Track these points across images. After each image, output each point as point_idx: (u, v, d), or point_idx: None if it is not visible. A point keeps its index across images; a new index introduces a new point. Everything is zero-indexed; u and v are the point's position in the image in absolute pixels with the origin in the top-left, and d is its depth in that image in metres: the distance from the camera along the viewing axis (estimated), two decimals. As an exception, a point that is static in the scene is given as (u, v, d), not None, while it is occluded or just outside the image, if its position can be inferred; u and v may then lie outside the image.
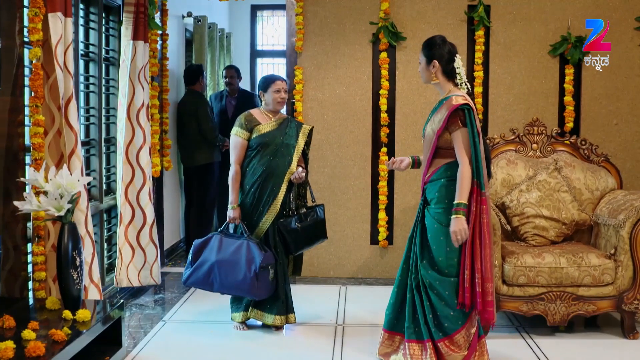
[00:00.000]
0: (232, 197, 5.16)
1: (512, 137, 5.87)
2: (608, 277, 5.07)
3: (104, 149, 5.95)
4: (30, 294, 4.45)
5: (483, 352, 4.44)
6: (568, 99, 6.54)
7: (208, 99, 8.46)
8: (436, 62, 4.31)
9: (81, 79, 5.57)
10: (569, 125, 6.54)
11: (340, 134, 6.77)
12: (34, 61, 4.23)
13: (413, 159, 4.64)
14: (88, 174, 5.70)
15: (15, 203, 3.89)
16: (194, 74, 7.71)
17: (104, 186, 5.99)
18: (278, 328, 5.28)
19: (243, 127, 5.15)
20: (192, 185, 7.77)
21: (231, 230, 5.23)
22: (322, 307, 5.89)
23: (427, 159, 4.35)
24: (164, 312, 5.77)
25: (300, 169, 5.18)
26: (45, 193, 3.97)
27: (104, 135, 5.93)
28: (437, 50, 4.31)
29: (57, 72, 4.33)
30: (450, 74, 4.33)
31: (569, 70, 6.53)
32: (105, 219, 6.05)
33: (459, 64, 4.30)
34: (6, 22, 4.23)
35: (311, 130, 5.34)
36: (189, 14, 7.99)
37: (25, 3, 4.38)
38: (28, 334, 3.54)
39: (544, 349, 4.92)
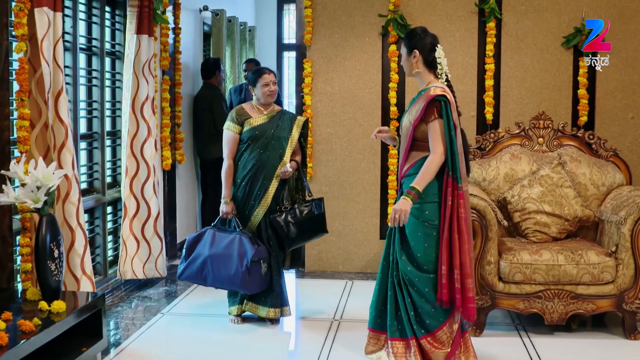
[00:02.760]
0: (225, 191, 5.17)
1: (518, 131, 5.74)
2: (608, 276, 4.93)
3: (108, 142, 6.00)
4: (20, 285, 4.50)
5: (468, 348, 4.36)
6: (582, 92, 6.37)
7: (227, 92, 8.48)
8: (417, 52, 4.25)
9: (83, 72, 5.61)
10: (583, 119, 6.37)
11: (349, 127, 6.72)
12: (19, 55, 4.27)
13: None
14: (90, 167, 5.77)
15: (-7, 195, 3.94)
16: (210, 67, 7.74)
17: (108, 179, 6.03)
18: (273, 321, 5.27)
19: (234, 121, 5.16)
20: (208, 179, 7.80)
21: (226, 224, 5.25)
22: (324, 302, 5.86)
23: (404, 151, 4.28)
24: (164, 304, 5.80)
25: (288, 164, 5.14)
26: (24, 186, 4.00)
27: (107, 129, 5.96)
28: (418, 41, 4.26)
29: (42, 66, 4.36)
30: (431, 64, 4.26)
31: (583, 63, 6.35)
32: (110, 211, 6.10)
33: (441, 54, 4.23)
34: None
35: (306, 122, 5.31)
36: (205, 8, 8.01)
37: (13, -2, 4.42)
38: (-2, 324, 3.58)
39: (538, 349, 4.81)
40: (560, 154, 5.52)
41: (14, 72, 4.30)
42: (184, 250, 5.21)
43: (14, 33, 4.28)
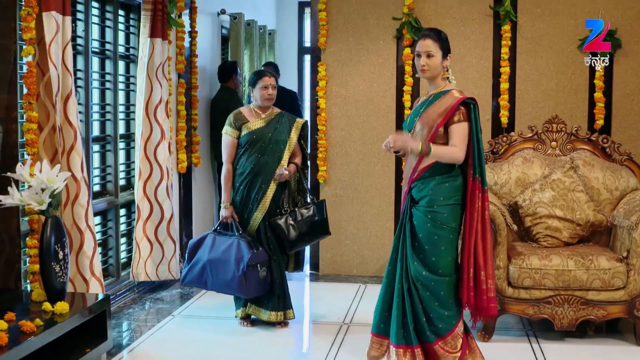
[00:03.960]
0: (224, 196, 5.21)
1: (530, 135, 5.68)
2: (619, 281, 4.86)
3: (122, 144, 6.05)
4: (29, 286, 4.55)
5: (473, 348, 4.32)
6: (598, 95, 6.30)
7: (245, 95, 8.50)
8: (450, 56, 4.21)
9: (96, 76, 5.67)
10: (599, 122, 6.30)
11: (363, 130, 6.71)
12: (27, 59, 4.32)
13: None
14: (104, 169, 5.82)
15: (-1, 197, 3.99)
16: (227, 70, 7.76)
17: (122, 182, 6.08)
18: (281, 324, 5.27)
19: (232, 126, 5.18)
20: (224, 182, 7.81)
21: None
22: (335, 305, 5.85)
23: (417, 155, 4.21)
24: (176, 307, 5.83)
25: (284, 167, 5.14)
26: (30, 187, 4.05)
27: (121, 131, 6.01)
28: (449, 44, 4.22)
29: (50, 70, 4.41)
30: (447, 69, 4.23)
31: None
32: (124, 213, 6.15)
33: None
34: (2, 21, 4.32)
35: (305, 124, 5.31)
36: (223, 11, 8.04)
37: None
38: (0, 324, 3.62)
39: (547, 355, 4.77)
40: (572, 158, 5.46)
41: (22, 75, 4.36)
42: (186, 255, 5.26)
43: (22, 37, 4.33)
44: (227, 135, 5.20)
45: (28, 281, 4.55)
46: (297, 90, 10.21)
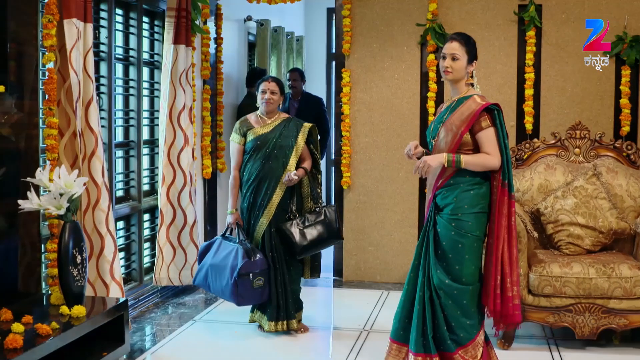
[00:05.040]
0: (230, 202, 5.26)
1: (553, 141, 5.63)
2: (641, 290, 4.80)
3: (146, 150, 6.11)
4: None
5: (492, 357, 4.29)
6: (624, 101, 6.21)
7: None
8: (475, 62, 4.18)
9: (120, 82, 5.74)
10: (625, 129, 6.21)
11: (387, 137, 6.70)
12: (48, 66, 4.39)
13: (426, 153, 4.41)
14: (127, 175, 5.89)
15: (19, 202, 4.04)
16: (256, 76, 7.80)
17: (146, 187, 6.14)
18: (301, 330, 5.28)
19: (237, 132, 5.24)
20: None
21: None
22: (356, 312, 5.85)
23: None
24: (199, 311, 5.86)
25: (292, 172, 5.14)
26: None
27: (145, 137, 6.08)
28: (476, 52, 4.20)
29: (71, 76, 4.47)
30: (472, 75, 4.20)
31: (626, 72, 6.20)
32: (147, 218, 6.21)
33: None
34: (25, 28, 4.40)
35: (312, 129, 5.30)
36: (249, 18, 8.09)
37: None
38: (17, 327, 3.67)
39: (567, 363, 4.72)
40: (595, 165, 5.40)
41: (43, 82, 4.43)
42: (197, 256, 5.33)
43: (43, 44, 4.41)
44: (233, 141, 5.26)
45: (48, 285, 4.62)
46: (326, 97, 10.20)
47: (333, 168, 7.04)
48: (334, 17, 11.23)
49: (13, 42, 4.31)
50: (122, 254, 5.80)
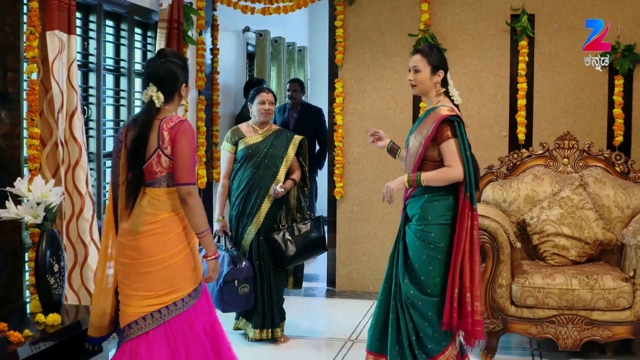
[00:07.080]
0: (217, 210, 5.30)
1: (542, 152, 5.61)
2: (624, 302, 4.76)
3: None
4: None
5: (468, 371, 4.27)
6: (617, 111, 6.17)
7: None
8: (442, 72, 4.11)
9: (110, 93, 5.79)
10: (618, 139, 6.17)
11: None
12: (29, 77, 4.45)
13: (392, 144, 4.49)
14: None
15: (-1, 211, 4.10)
16: (253, 86, 7.83)
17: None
18: (282, 340, 5.30)
19: (228, 141, 5.27)
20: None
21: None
22: (345, 322, 5.85)
23: (411, 171, 4.12)
24: (188, 320, 5.87)
25: (278, 185, 5.15)
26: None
27: (136, 147, 6.11)
28: (443, 61, 4.14)
29: (53, 87, 4.52)
30: (444, 82, 4.14)
31: (619, 81, 6.16)
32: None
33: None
34: (7, 38, 4.47)
35: (303, 141, 5.33)
36: (247, 29, 8.13)
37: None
38: (-11, 335, 3.73)
39: (549, 375, 4.68)
40: (582, 175, 5.36)
41: (25, 92, 4.49)
42: None
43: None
44: (224, 150, 5.30)
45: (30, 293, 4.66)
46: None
47: (326, 179, 7.05)
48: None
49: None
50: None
